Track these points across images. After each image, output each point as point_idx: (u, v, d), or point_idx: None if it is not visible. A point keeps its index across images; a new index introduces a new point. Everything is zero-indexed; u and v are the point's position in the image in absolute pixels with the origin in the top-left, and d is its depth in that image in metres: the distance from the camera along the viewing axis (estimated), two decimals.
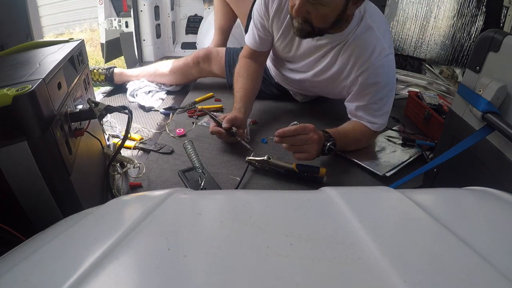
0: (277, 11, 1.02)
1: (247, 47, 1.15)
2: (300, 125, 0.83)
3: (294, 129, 0.82)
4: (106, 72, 1.43)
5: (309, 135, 0.82)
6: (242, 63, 1.15)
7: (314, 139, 0.83)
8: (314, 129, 0.84)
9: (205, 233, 0.29)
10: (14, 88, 0.45)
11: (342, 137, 0.94)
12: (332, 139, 0.88)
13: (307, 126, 0.83)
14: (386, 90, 0.96)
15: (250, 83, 1.11)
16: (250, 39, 1.13)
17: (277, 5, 1.01)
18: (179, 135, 1.06)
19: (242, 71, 1.13)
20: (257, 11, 1.07)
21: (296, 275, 0.23)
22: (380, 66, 0.93)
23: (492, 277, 0.23)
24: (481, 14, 1.72)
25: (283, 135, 0.82)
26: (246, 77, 1.11)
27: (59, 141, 0.53)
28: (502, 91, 0.59)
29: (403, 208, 0.34)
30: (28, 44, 0.79)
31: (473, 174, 0.69)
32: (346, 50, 0.96)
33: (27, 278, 0.25)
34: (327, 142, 0.87)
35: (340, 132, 0.95)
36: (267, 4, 1.03)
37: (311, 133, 0.82)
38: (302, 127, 0.82)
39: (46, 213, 0.53)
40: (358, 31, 0.93)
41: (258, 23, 1.08)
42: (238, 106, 1.04)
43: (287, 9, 0.98)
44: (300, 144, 0.83)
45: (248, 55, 1.15)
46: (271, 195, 0.40)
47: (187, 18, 2.15)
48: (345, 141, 0.95)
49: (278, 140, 0.83)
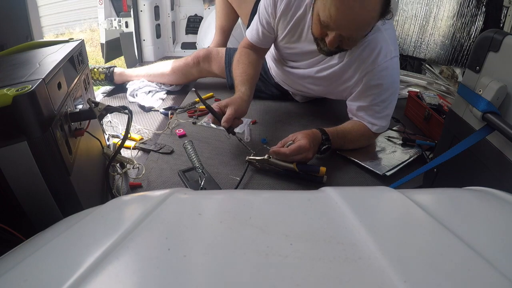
0: (284, 11, 1.01)
1: (248, 41, 1.14)
2: (295, 145, 0.84)
3: (290, 152, 0.83)
4: (106, 71, 1.42)
5: (302, 155, 0.84)
6: (242, 52, 1.13)
7: (308, 158, 0.86)
8: (309, 147, 0.85)
9: (205, 233, 0.29)
10: (14, 88, 0.45)
11: (340, 137, 0.95)
12: (329, 142, 0.90)
13: (302, 147, 0.83)
14: (389, 93, 0.96)
15: (252, 70, 1.08)
16: (253, 35, 1.12)
17: (285, 5, 1.00)
18: (179, 135, 1.06)
19: (243, 58, 1.11)
20: (264, 8, 1.05)
21: (296, 275, 0.23)
22: (385, 68, 0.93)
23: (492, 277, 0.23)
24: (481, 14, 1.72)
25: (277, 154, 0.85)
26: (248, 64, 1.09)
27: (59, 141, 0.53)
28: (502, 91, 0.59)
29: (403, 208, 0.34)
30: (28, 44, 0.79)
31: (473, 174, 0.69)
32: (353, 50, 0.96)
33: (27, 278, 0.25)
34: (322, 146, 0.89)
35: (339, 131, 0.95)
36: (276, 3, 1.02)
37: (304, 153, 0.84)
38: (297, 148, 0.83)
39: (46, 213, 0.53)
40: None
41: (263, 19, 1.07)
42: (243, 89, 1.00)
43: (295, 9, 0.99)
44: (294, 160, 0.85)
45: (248, 46, 1.15)
46: (271, 195, 0.40)
47: (187, 18, 2.15)
48: (343, 140, 0.96)
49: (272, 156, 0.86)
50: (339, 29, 0.82)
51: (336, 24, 0.81)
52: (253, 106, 1.29)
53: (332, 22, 0.80)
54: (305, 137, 0.85)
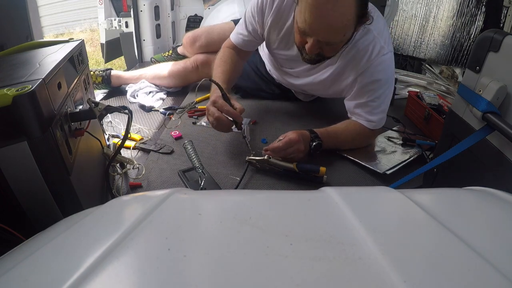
0: (274, 20, 1.02)
1: (232, 43, 1.14)
2: (285, 139, 0.88)
3: (282, 145, 0.87)
4: (103, 74, 1.43)
5: (294, 147, 0.88)
6: (226, 52, 1.13)
7: (301, 150, 0.89)
8: (299, 140, 0.89)
9: (205, 233, 0.29)
10: (14, 88, 0.45)
11: (332, 136, 0.96)
12: (318, 139, 0.92)
13: (292, 139, 0.88)
14: (384, 88, 0.97)
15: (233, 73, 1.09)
16: (238, 38, 1.12)
17: (274, 15, 1.01)
18: (175, 137, 1.04)
19: (226, 57, 1.10)
20: (251, 16, 1.06)
21: (296, 275, 0.23)
22: (378, 64, 0.94)
23: (492, 277, 0.23)
24: (481, 14, 1.72)
25: (272, 151, 0.88)
26: (230, 64, 1.09)
27: (59, 141, 0.53)
28: (502, 91, 0.59)
29: (403, 208, 0.34)
30: (28, 44, 0.79)
31: (473, 174, 0.69)
32: (346, 53, 0.97)
33: (27, 278, 0.25)
34: (312, 142, 0.91)
35: (330, 131, 0.97)
36: (264, 12, 1.02)
37: (296, 145, 0.88)
38: (287, 141, 0.87)
39: (46, 213, 0.53)
40: (357, 36, 0.93)
41: (250, 25, 1.08)
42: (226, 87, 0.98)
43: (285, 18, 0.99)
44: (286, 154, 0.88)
45: (232, 47, 1.14)
46: (271, 195, 0.40)
47: (187, 18, 2.15)
48: (335, 140, 0.97)
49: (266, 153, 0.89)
50: (315, 34, 0.83)
51: (311, 29, 0.82)
52: (253, 106, 1.29)
53: (308, 27, 0.82)
54: (293, 132, 0.90)
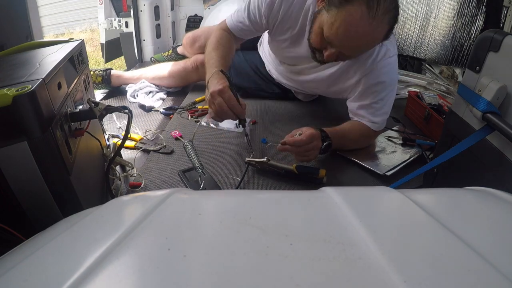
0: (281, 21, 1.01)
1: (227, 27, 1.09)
2: (307, 134, 0.84)
3: (305, 139, 0.83)
4: (103, 74, 1.43)
5: (313, 143, 0.84)
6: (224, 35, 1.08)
7: (318, 147, 0.86)
8: (318, 136, 0.86)
9: (205, 233, 0.29)
10: (14, 88, 0.45)
11: (340, 136, 0.95)
12: (329, 139, 0.90)
13: (314, 135, 0.84)
14: (388, 90, 0.98)
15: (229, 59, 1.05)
16: (236, 27, 1.08)
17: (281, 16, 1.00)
18: (175, 137, 1.05)
19: (224, 41, 1.06)
20: (257, 8, 1.03)
21: (296, 275, 0.23)
22: (384, 66, 0.95)
23: (492, 277, 0.23)
24: (481, 14, 1.71)
25: (293, 144, 0.83)
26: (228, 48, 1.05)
27: (59, 141, 0.53)
28: (502, 91, 0.59)
29: (403, 208, 0.34)
30: (28, 44, 0.79)
31: (473, 174, 0.69)
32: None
33: (27, 278, 0.25)
34: (323, 143, 0.89)
35: (338, 131, 0.96)
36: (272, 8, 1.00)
37: (315, 141, 0.85)
38: (309, 136, 0.83)
39: (46, 213, 0.53)
40: None
41: (252, 16, 1.04)
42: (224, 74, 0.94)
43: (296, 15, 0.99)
44: (306, 150, 0.85)
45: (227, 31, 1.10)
46: (271, 195, 0.40)
47: (187, 18, 2.15)
48: (342, 140, 0.96)
49: (282, 148, 0.85)
50: (342, 48, 0.83)
51: (341, 44, 0.82)
52: (253, 106, 1.29)
53: (337, 41, 0.81)
54: (309, 128, 0.86)
